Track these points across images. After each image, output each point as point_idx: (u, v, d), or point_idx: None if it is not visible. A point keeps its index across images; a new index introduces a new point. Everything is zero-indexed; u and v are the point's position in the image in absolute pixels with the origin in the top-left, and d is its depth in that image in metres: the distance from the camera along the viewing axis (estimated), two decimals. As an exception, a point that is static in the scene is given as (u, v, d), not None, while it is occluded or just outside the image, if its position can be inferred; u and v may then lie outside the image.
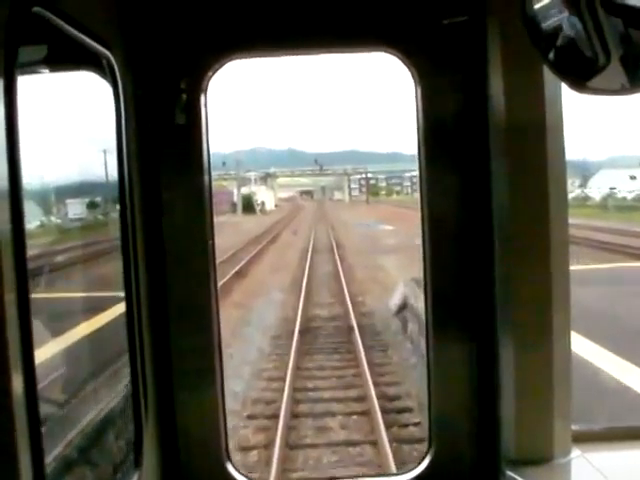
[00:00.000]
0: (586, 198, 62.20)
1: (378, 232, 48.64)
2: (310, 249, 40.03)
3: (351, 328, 19.28)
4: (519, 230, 3.41)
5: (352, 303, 22.90)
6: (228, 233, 43.06)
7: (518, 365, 3.43)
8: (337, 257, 35.45)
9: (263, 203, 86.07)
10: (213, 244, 3.68)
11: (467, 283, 3.67)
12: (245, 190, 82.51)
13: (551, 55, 2.39)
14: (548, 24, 2.37)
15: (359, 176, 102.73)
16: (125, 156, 3.18)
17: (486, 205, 3.56)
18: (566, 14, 2.30)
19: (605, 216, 49.90)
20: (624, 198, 57.11)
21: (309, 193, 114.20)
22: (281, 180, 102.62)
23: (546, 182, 3.34)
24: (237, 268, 29.60)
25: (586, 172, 74.84)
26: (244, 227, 53.21)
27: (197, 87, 3.61)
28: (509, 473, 3.41)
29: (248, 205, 79.94)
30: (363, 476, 9.80)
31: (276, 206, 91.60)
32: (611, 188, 64.10)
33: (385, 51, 3.69)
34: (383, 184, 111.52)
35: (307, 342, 18.58)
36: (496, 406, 3.60)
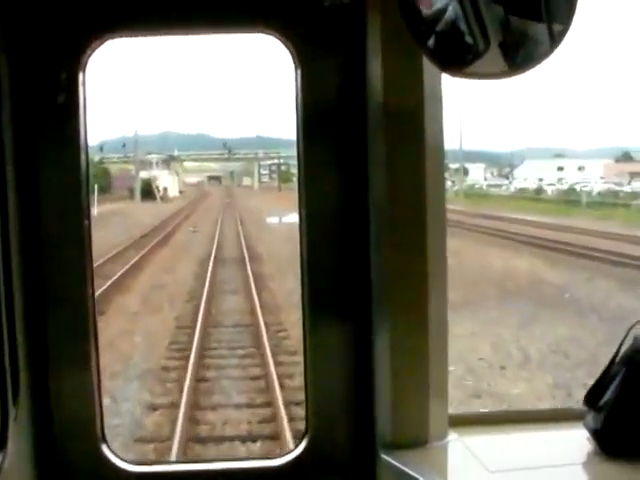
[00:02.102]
0: (539, 191, 50.53)
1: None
2: (212, 259, 26.54)
3: None
4: (396, 215, 3.18)
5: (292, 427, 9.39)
6: (109, 229, 30.05)
7: (394, 349, 3.18)
8: (252, 280, 21.79)
9: (165, 189, 72.55)
10: (89, 226, 3.38)
11: (343, 267, 3.37)
12: (145, 175, 69.25)
13: (431, 41, 2.29)
14: (429, 9, 2.28)
15: (270, 162, 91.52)
16: None
17: (363, 190, 3.31)
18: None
19: (572, 213, 39.12)
20: (589, 192, 45.39)
21: (217, 179, 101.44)
22: (189, 165, 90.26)
23: (423, 169, 3.12)
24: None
25: (501, 163, 67.88)
26: (135, 219, 39.91)
27: (75, 65, 3.30)
28: (384, 457, 3.18)
29: (148, 191, 66.56)
30: (238, 460, 7.27)
31: (181, 192, 78.09)
32: (539, 179, 57.73)
33: (264, 32, 3.38)
34: (294, 170, 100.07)
35: None
36: (372, 390, 3.33)
